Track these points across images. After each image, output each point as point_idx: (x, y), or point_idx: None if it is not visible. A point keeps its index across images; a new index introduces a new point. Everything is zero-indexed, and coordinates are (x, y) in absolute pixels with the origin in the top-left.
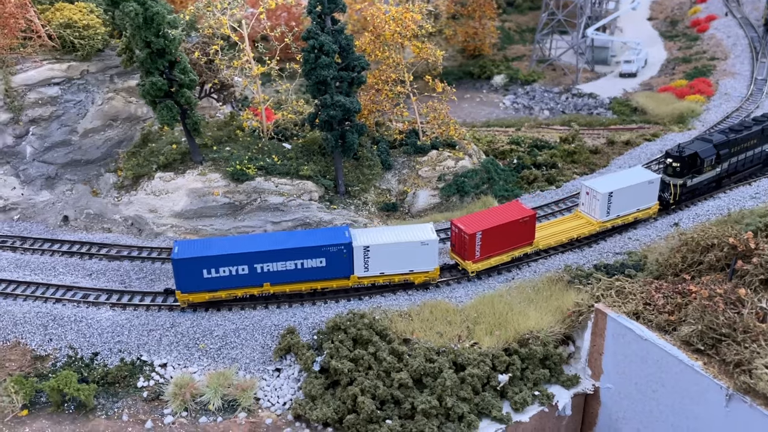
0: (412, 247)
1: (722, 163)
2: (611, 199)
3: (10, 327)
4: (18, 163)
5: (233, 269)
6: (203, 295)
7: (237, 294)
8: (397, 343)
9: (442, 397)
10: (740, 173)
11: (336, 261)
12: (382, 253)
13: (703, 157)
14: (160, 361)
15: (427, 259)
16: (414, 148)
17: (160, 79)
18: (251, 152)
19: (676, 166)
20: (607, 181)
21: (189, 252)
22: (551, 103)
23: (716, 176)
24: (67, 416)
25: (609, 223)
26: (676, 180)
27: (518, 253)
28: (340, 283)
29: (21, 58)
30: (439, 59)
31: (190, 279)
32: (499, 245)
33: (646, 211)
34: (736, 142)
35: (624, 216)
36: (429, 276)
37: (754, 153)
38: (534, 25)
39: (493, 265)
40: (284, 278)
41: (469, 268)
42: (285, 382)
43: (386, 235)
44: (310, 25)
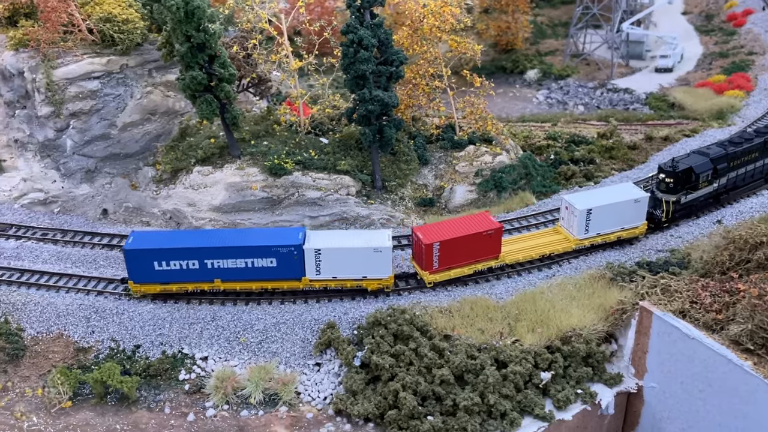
0: (365, 252)
1: (720, 179)
2: (590, 216)
3: (53, 319)
4: (58, 157)
5: (184, 263)
6: (155, 286)
7: (188, 288)
8: (438, 339)
9: (485, 394)
10: (740, 189)
11: (287, 262)
12: (334, 257)
13: (698, 172)
14: (201, 354)
15: (380, 266)
16: (451, 143)
17: (200, 74)
18: (289, 147)
19: (669, 181)
20: (588, 197)
21: (141, 243)
22: (586, 98)
23: (713, 192)
24: (110, 408)
25: (587, 241)
26: (669, 196)
27: (481, 267)
28: (291, 285)
29: (62, 52)
30: (477, 53)
31: (142, 270)
32: (459, 257)
33: (631, 230)
34: (735, 155)
35: (605, 235)
36: (383, 283)
37: (755, 167)
38: (567, 19)
39: (453, 277)
40: (235, 275)
41: (426, 279)
42: (325, 377)
43: (340, 239)
44: (349, 19)
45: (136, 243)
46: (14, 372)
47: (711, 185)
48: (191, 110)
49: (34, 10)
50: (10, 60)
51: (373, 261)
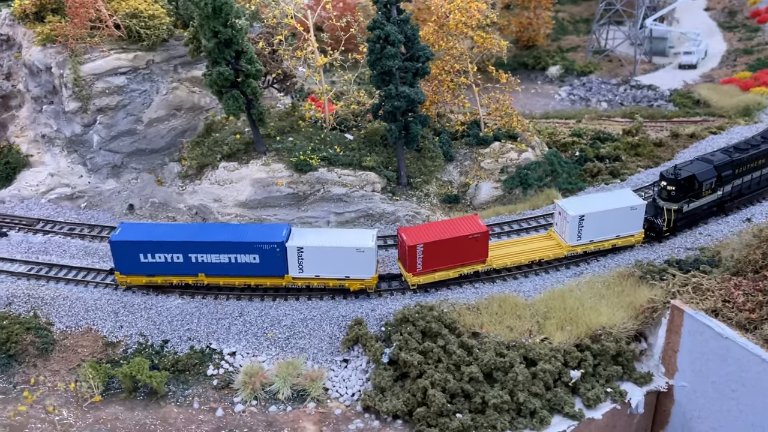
0: (347, 252)
1: (724, 186)
2: (582, 223)
3: (81, 313)
4: (85, 152)
5: (168, 256)
6: (141, 278)
7: (173, 281)
8: (466, 336)
9: (514, 392)
10: (746, 196)
11: (269, 259)
12: (316, 256)
13: (701, 180)
14: (229, 349)
15: (363, 267)
16: (476, 139)
17: (227, 69)
18: (314, 143)
19: (671, 189)
20: (582, 202)
21: (128, 235)
22: (609, 94)
23: (717, 200)
24: (139, 402)
25: (579, 248)
26: (671, 205)
27: (467, 270)
28: (274, 282)
29: (89, 47)
30: (503, 49)
31: (128, 261)
32: (445, 260)
33: (627, 238)
34: (740, 162)
35: (599, 242)
36: (365, 284)
37: (761, 174)
38: (588, 15)
39: (437, 280)
40: (218, 270)
41: (409, 281)
42: (353, 373)
43: (324, 238)
44: (375, 14)
45: (123, 234)
46: (44, 366)
47: (715, 193)
48: (216, 106)
49: (61, 5)
50: (38, 55)
51: (356, 261)
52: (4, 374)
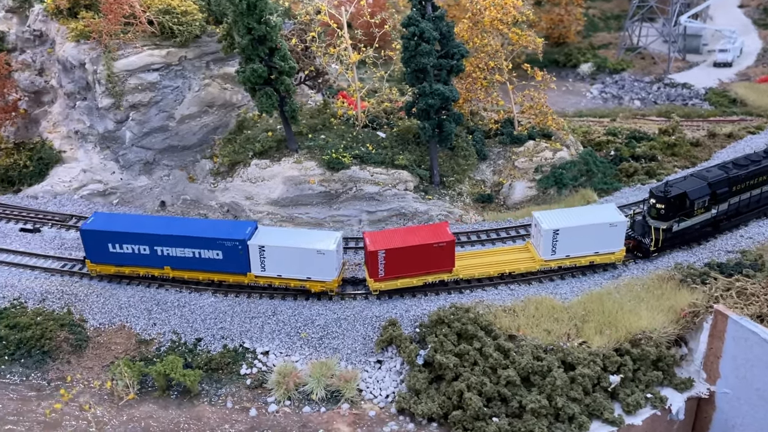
0: (308, 254)
1: (720, 204)
2: (557, 237)
3: (115, 310)
4: (118, 148)
5: (135, 248)
6: (110, 267)
7: (139, 272)
8: (502, 339)
9: (552, 396)
10: (744, 215)
11: (232, 256)
12: (277, 255)
13: (693, 198)
14: (263, 348)
15: (325, 269)
16: (510, 138)
17: (261, 66)
18: (346, 141)
19: (660, 207)
20: (559, 216)
21: (97, 225)
22: (642, 92)
23: (711, 219)
24: (172, 401)
25: (554, 263)
26: (660, 223)
27: (432, 279)
28: (237, 279)
29: (122, 44)
30: (539, 47)
31: (97, 250)
32: (408, 267)
33: (606, 256)
34: (738, 179)
35: (575, 258)
36: (326, 286)
37: (762, 192)
38: (619, 11)
39: (400, 287)
40: (183, 264)
41: (371, 286)
42: (387, 375)
43: (286, 238)
44: (410, 11)
45: (93, 224)
46: (78, 363)
47: (708, 212)
48: (248, 103)
49: (95, 1)
50: (72, 51)
51: (317, 263)
52: (38, 370)
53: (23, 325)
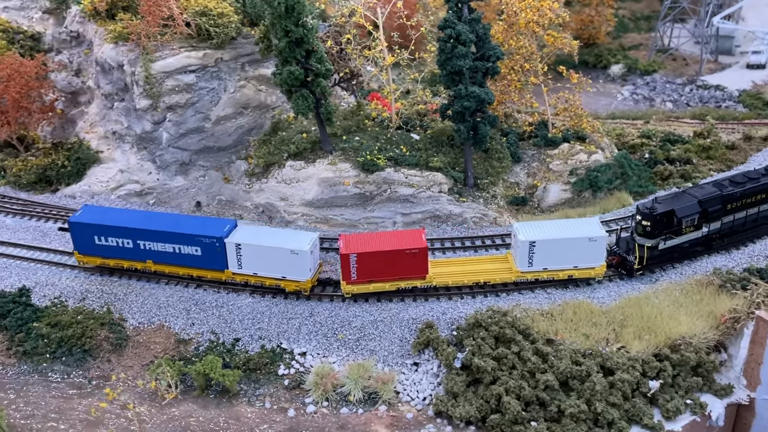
0: (283, 253)
1: (711, 223)
2: (533, 249)
3: (154, 310)
4: (154, 149)
5: (119, 241)
6: (95, 259)
7: (123, 265)
8: (540, 343)
9: (591, 401)
10: (740, 234)
11: (210, 252)
12: (253, 253)
13: (680, 216)
14: (300, 349)
15: (299, 269)
16: (544, 140)
17: (297, 69)
18: (380, 142)
19: (647, 225)
20: (539, 227)
21: (85, 218)
22: (674, 94)
23: (702, 238)
24: (211, 400)
25: (530, 275)
26: (646, 241)
27: (405, 285)
28: (215, 275)
29: (160, 45)
30: (575, 49)
31: (84, 242)
32: (381, 272)
33: (585, 271)
34: (733, 197)
35: (553, 271)
36: (300, 286)
37: (759, 210)
38: (649, 12)
39: (372, 291)
40: (164, 259)
41: (343, 289)
42: (424, 377)
43: (262, 237)
44: (447, 13)
45: (81, 217)
46: (117, 362)
47: (699, 230)
48: (282, 104)
49: (132, 2)
50: (110, 53)
51: (291, 263)
52: (79, 369)
53: (64, 324)
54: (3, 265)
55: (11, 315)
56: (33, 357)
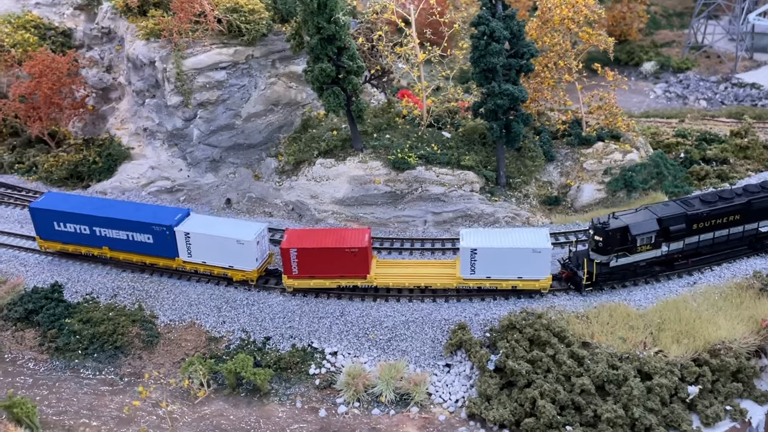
0: (229, 243)
1: (673, 242)
2: (475, 257)
3: (185, 307)
4: (185, 146)
5: (77, 227)
6: (56, 244)
7: (81, 251)
8: (576, 346)
9: (628, 406)
10: (707, 256)
11: (161, 240)
12: (201, 242)
13: (635, 233)
14: (331, 349)
15: (244, 259)
16: (578, 139)
17: (329, 66)
18: (411, 140)
19: (599, 240)
20: (484, 235)
21: (45, 204)
22: (708, 92)
23: (662, 257)
24: (242, 399)
25: (472, 282)
26: (598, 257)
27: (346, 283)
28: (167, 263)
29: (191, 42)
30: (610, 46)
31: (45, 228)
32: (321, 269)
33: (530, 282)
34: (699, 217)
35: (496, 280)
36: (246, 276)
37: (729, 232)
38: (682, 9)
39: (313, 287)
40: (119, 246)
41: (285, 283)
42: (456, 379)
43: (211, 226)
44: (481, 10)
45: (41, 203)
46: (149, 359)
47: (657, 249)
48: (312, 101)
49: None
50: (142, 49)
51: (237, 252)
52: (111, 365)
53: (96, 320)
54: (35, 261)
55: (44, 311)
56: (65, 353)
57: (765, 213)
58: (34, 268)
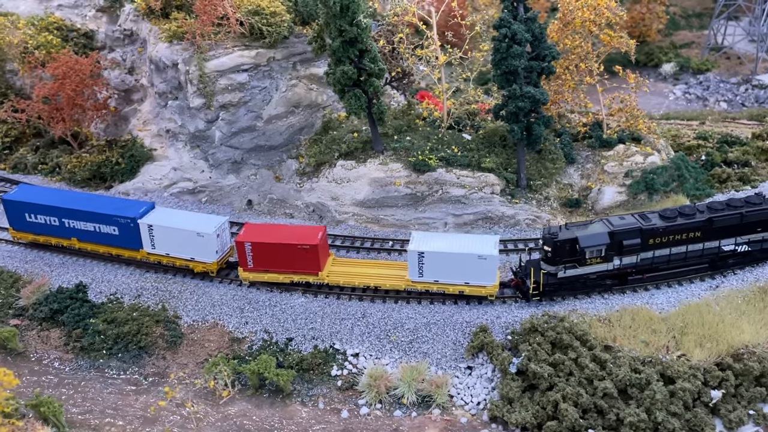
0: (189, 236)
1: (625, 257)
2: (422, 260)
3: (208, 308)
4: (207, 147)
5: (47, 219)
6: (27, 235)
7: (51, 242)
8: (598, 349)
9: (651, 410)
10: (664, 272)
11: (126, 232)
12: (164, 235)
13: (584, 245)
14: (353, 350)
15: (205, 251)
16: (599, 141)
17: (351, 68)
18: (431, 142)
19: (548, 250)
20: (433, 239)
21: (17, 196)
22: (728, 94)
23: (614, 271)
24: (265, 400)
25: (420, 285)
26: (547, 267)
27: (298, 279)
28: (131, 254)
29: (214, 44)
30: (632, 48)
31: (17, 219)
32: (275, 263)
33: (476, 288)
34: (655, 232)
35: (443, 284)
36: (207, 267)
37: (688, 250)
38: (701, 9)
39: (267, 280)
40: (87, 237)
41: (240, 275)
42: (477, 381)
43: (173, 219)
44: (502, 12)
45: (14, 195)
46: (172, 359)
47: (608, 263)
48: (333, 103)
49: (186, 1)
50: (165, 52)
51: (198, 245)
52: (135, 365)
53: (120, 321)
54: (60, 261)
55: (69, 311)
56: (90, 353)
57: (728, 231)
58: (58, 269)
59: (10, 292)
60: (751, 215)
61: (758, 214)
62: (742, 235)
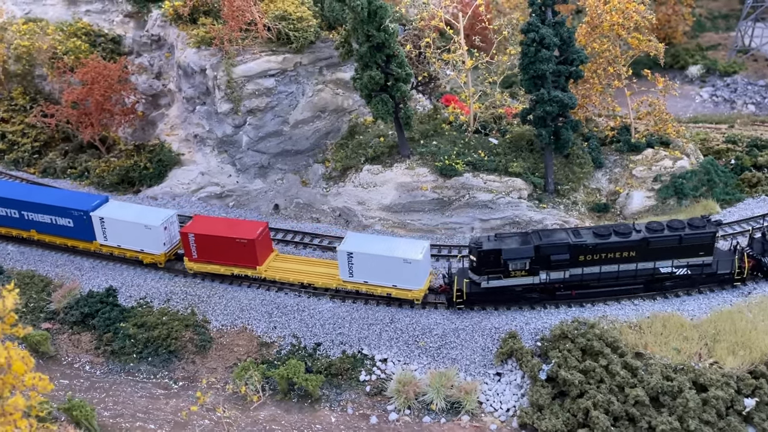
0: (138, 228)
1: (554, 271)
2: (352, 260)
3: (236, 312)
4: (235, 152)
5: (7, 211)
6: None
7: (12, 233)
8: (629, 356)
9: (684, 418)
10: (596, 290)
11: (80, 224)
12: (114, 227)
13: (507, 257)
14: (381, 356)
15: (153, 243)
16: (627, 145)
17: (378, 73)
18: (458, 147)
19: (473, 259)
20: (365, 241)
21: None
22: (756, 97)
23: (540, 285)
24: (294, 405)
25: (351, 285)
26: (471, 276)
27: (238, 272)
28: (86, 246)
29: (241, 50)
30: (660, 52)
31: None
32: (216, 256)
33: (403, 291)
34: (585, 248)
35: (372, 285)
36: (155, 259)
37: (620, 269)
38: (727, 11)
39: (209, 271)
40: (45, 229)
41: (186, 265)
42: (506, 388)
43: (123, 212)
44: (530, 17)
45: None
46: (202, 363)
47: (534, 276)
48: (359, 108)
49: (213, 7)
50: (193, 57)
51: (146, 237)
52: (165, 369)
53: (150, 325)
54: (90, 265)
55: (99, 315)
56: (120, 357)
57: (665, 253)
58: (88, 273)
59: (42, 296)
60: (690, 238)
61: (698, 238)
62: (680, 258)
